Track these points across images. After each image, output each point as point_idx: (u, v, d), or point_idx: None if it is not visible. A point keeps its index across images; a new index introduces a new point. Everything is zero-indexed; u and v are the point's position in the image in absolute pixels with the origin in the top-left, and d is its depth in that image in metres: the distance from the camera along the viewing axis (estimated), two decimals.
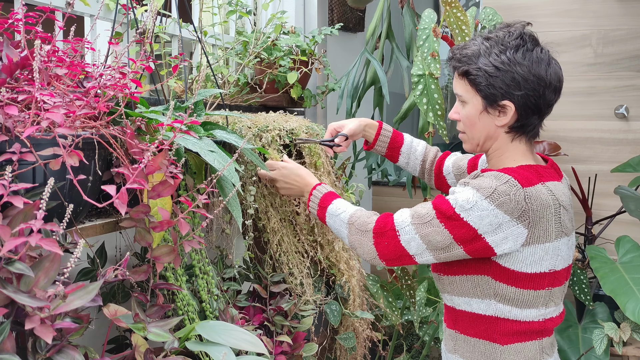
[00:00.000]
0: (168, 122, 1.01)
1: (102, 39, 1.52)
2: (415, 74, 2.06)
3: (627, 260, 2.21)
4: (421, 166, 1.64)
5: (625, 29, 2.56)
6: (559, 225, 1.20)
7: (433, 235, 1.20)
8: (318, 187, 1.45)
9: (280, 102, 2.00)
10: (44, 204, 0.80)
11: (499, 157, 1.27)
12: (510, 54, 1.19)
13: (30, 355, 0.84)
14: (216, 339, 1.05)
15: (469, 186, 1.18)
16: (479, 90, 1.22)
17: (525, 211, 1.15)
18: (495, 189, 1.15)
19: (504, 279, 1.20)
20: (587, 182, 2.59)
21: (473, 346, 1.27)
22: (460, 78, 1.26)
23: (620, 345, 2.11)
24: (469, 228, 1.16)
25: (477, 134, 1.27)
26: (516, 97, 1.19)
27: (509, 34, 1.22)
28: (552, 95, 1.23)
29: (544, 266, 1.20)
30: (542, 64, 1.20)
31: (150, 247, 1.10)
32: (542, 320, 1.24)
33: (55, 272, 0.83)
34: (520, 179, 1.17)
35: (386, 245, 1.25)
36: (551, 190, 1.20)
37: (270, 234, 1.56)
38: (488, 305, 1.23)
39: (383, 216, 1.29)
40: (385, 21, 2.42)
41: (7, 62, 0.92)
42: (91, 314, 0.97)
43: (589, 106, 2.63)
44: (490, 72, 1.19)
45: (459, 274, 1.25)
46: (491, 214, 1.15)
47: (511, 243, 1.17)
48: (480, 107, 1.24)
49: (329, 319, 1.70)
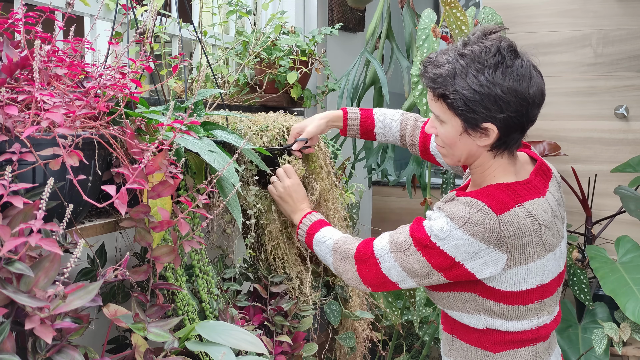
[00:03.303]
0: (168, 122, 1.01)
1: (102, 39, 1.52)
2: (414, 74, 2.06)
3: (627, 260, 2.21)
4: (400, 141, 1.58)
5: (625, 29, 2.56)
6: (540, 245, 1.15)
7: (412, 263, 1.18)
8: (308, 216, 1.45)
9: (280, 102, 2.00)
10: (44, 204, 0.80)
11: (482, 174, 1.22)
12: (489, 74, 1.09)
13: (30, 355, 0.84)
14: (216, 339, 1.05)
15: (443, 213, 1.15)
16: (458, 114, 1.14)
17: (501, 238, 1.11)
18: (469, 218, 1.11)
19: (491, 296, 1.18)
20: (587, 182, 2.59)
21: (466, 352, 1.26)
22: (435, 99, 1.17)
23: (620, 345, 2.11)
24: (445, 256, 1.14)
25: (458, 152, 1.20)
26: (498, 120, 1.12)
27: (486, 50, 1.11)
28: (536, 111, 1.15)
29: (530, 283, 1.17)
30: (524, 82, 1.11)
31: (150, 247, 1.10)
32: (535, 328, 1.22)
33: (55, 272, 0.83)
34: (495, 204, 1.12)
35: (368, 273, 1.25)
36: (529, 211, 1.14)
37: (267, 236, 1.55)
38: (478, 319, 1.21)
39: (364, 242, 1.28)
40: (385, 21, 2.42)
41: (7, 62, 0.92)
42: (91, 314, 0.97)
43: (589, 106, 2.63)
44: (468, 97, 1.10)
45: (447, 291, 1.23)
46: (466, 242, 1.12)
47: (491, 268, 1.14)
48: (460, 129, 1.16)
49: (329, 319, 1.70)
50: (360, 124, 1.57)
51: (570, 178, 2.51)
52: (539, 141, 2.52)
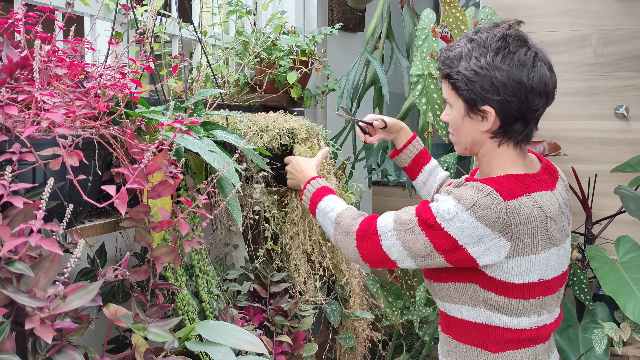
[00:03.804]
0: (168, 122, 1.01)
1: (102, 39, 1.52)
2: (414, 74, 2.06)
3: (627, 260, 2.21)
4: (436, 191, 1.61)
5: (625, 29, 2.56)
6: (545, 237, 1.16)
7: (414, 242, 1.19)
8: (312, 181, 1.47)
9: (280, 102, 2.00)
10: (44, 204, 0.80)
11: (488, 163, 1.25)
12: (490, 58, 1.15)
13: (30, 355, 0.84)
14: (216, 339, 1.05)
15: (451, 195, 1.17)
16: (460, 94, 1.20)
17: (507, 225, 1.13)
18: (477, 202, 1.13)
19: (492, 288, 1.18)
20: (587, 182, 2.59)
21: (465, 353, 1.25)
22: (444, 81, 1.24)
23: (620, 345, 2.11)
24: (449, 238, 1.15)
25: (464, 138, 1.25)
26: (495, 102, 1.15)
27: (492, 36, 1.18)
28: (538, 100, 1.17)
29: (533, 277, 1.17)
30: (524, 68, 1.15)
31: (150, 247, 1.10)
32: (535, 328, 1.22)
33: (55, 272, 0.83)
34: (503, 191, 1.14)
35: (368, 249, 1.26)
36: (537, 202, 1.16)
37: (289, 223, 1.58)
38: (478, 312, 1.21)
39: (367, 219, 1.29)
40: (385, 21, 2.42)
41: (7, 62, 0.92)
42: (91, 314, 0.97)
43: (589, 106, 2.63)
44: (469, 77, 1.16)
45: (448, 281, 1.24)
46: (471, 226, 1.13)
47: (494, 255, 1.15)
48: (462, 111, 1.21)
49: (329, 319, 1.70)
50: (419, 153, 1.62)
51: (570, 178, 2.51)
52: (539, 141, 2.52)
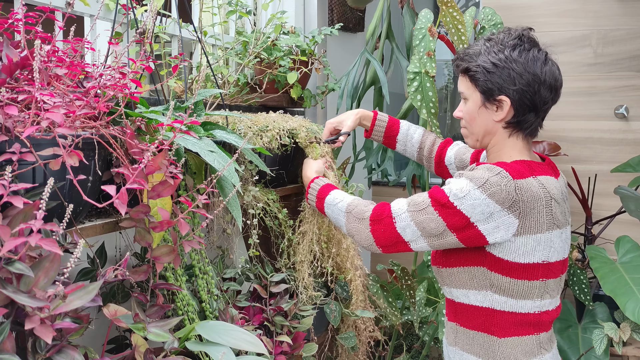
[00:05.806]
0: (168, 122, 1.01)
1: (102, 39, 1.52)
2: (411, 71, 2.06)
3: (627, 260, 2.21)
4: (418, 152, 1.74)
5: (625, 29, 2.56)
6: (550, 217, 1.24)
7: (427, 222, 1.26)
8: (315, 180, 1.55)
9: (280, 102, 2.00)
10: (44, 204, 0.80)
11: (497, 153, 1.33)
12: (508, 52, 1.27)
13: (30, 355, 0.84)
14: (216, 339, 1.05)
15: (463, 177, 1.25)
16: (478, 85, 1.30)
17: (515, 201, 1.21)
18: (488, 180, 1.21)
19: (499, 269, 1.25)
20: (587, 182, 2.59)
21: (472, 338, 1.32)
22: (462, 76, 1.34)
23: (620, 345, 2.11)
24: (461, 216, 1.22)
25: (477, 129, 1.33)
26: (511, 92, 1.26)
27: (509, 35, 1.31)
28: (548, 93, 1.28)
29: (537, 257, 1.25)
30: (538, 62, 1.27)
31: (150, 247, 1.10)
32: (538, 312, 1.28)
33: (55, 272, 0.83)
34: (512, 171, 1.23)
35: (382, 232, 1.32)
36: (542, 183, 1.24)
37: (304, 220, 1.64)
38: (485, 296, 1.28)
39: (380, 204, 1.36)
40: (385, 21, 2.42)
41: (7, 62, 0.92)
42: (91, 314, 0.97)
43: (589, 106, 2.63)
44: (488, 69, 1.27)
45: (457, 266, 1.31)
46: (483, 203, 1.20)
47: (503, 232, 1.22)
48: (479, 102, 1.31)
49: (329, 318, 1.70)
50: (386, 128, 1.73)
51: (570, 178, 2.51)
52: (539, 141, 2.52)
